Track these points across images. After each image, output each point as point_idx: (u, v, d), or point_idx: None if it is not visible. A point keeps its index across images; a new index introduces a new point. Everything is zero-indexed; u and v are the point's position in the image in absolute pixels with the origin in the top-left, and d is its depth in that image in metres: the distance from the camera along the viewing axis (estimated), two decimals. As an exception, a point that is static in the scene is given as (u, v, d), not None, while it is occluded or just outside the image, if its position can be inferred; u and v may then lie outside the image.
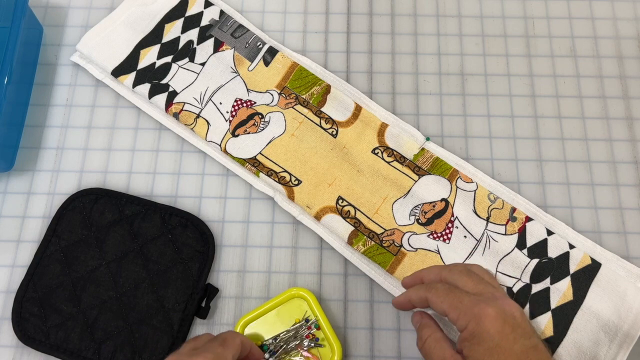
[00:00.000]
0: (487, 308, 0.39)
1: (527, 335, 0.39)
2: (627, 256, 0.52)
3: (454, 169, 0.54)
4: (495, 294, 0.41)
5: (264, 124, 0.55)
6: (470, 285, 0.42)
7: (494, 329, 0.38)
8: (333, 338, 0.48)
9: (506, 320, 0.39)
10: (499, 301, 0.40)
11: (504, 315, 0.39)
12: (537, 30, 0.61)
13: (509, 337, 0.38)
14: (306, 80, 0.57)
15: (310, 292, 0.50)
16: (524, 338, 0.39)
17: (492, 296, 0.41)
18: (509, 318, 0.39)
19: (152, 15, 0.59)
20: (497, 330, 0.38)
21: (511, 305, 0.40)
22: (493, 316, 0.39)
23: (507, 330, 0.38)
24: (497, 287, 0.44)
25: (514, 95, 0.58)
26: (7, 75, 0.51)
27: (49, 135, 0.57)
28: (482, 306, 0.39)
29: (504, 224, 0.52)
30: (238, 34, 0.59)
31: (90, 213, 0.52)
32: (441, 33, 0.61)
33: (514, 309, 0.40)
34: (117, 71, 0.57)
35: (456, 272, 0.43)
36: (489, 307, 0.39)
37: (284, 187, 0.53)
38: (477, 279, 0.43)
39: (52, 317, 0.49)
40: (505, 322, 0.39)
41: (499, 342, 0.38)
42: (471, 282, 0.42)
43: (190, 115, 0.55)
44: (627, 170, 0.55)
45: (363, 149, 0.54)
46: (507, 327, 0.38)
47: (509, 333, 0.38)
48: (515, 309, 0.40)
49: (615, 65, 0.59)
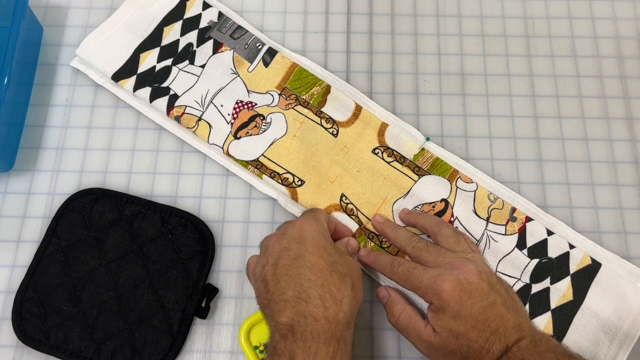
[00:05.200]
0: (444, 282, 0.43)
1: (485, 296, 0.43)
2: (627, 256, 0.52)
3: (454, 169, 0.54)
4: (453, 263, 0.45)
5: (266, 125, 0.55)
6: (431, 260, 0.46)
7: (452, 300, 0.43)
8: None
9: (463, 288, 0.43)
10: (454, 271, 0.44)
11: (460, 284, 0.43)
12: (537, 30, 0.61)
13: (467, 304, 0.43)
14: (306, 80, 0.57)
15: None
16: (481, 299, 0.43)
17: (449, 266, 0.45)
18: (465, 285, 0.43)
19: (150, 18, 0.59)
20: (455, 301, 0.43)
21: (467, 271, 0.44)
22: (449, 288, 0.43)
23: (464, 298, 0.43)
24: (459, 250, 0.47)
25: (514, 95, 0.58)
26: (7, 75, 0.51)
27: (49, 135, 0.57)
28: (439, 282, 0.43)
29: (504, 224, 0.52)
30: (237, 35, 0.59)
31: (90, 213, 0.52)
32: (441, 33, 0.61)
33: (470, 274, 0.44)
34: (117, 75, 0.57)
35: (417, 249, 0.47)
36: (445, 281, 0.43)
37: (287, 188, 0.53)
38: (435, 251, 0.47)
39: (52, 317, 0.49)
40: (462, 291, 0.43)
41: (459, 309, 0.43)
42: (431, 257, 0.46)
43: (192, 119, 0.55)
44: (627, 170, 0.55)
45: (363, 149, 0.54)
46: (463, 294, 0.43)
47: (466, 300, 0.43)
48: (472, 273, 0.44)
49: (615, 65, 0.59)
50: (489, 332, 0.42)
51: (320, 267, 0.42)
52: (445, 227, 0.49)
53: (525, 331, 0.43)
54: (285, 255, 0.43)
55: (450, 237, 0.48)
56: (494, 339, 0.42)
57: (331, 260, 0.43)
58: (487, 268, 0.46)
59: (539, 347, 0.41)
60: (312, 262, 0.42)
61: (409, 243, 0.48)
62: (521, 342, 0.42)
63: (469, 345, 0.42)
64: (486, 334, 0.42)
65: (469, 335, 0.42)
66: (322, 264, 0.42)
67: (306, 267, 0.42)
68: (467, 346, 0.42)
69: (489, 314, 0.43)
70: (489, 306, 0.43)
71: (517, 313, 0.44)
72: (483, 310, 0.43)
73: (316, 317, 0.40)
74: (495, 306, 0.43)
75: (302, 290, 0.41)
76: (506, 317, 0.43)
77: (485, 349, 0.42)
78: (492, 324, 0.42)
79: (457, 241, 0.48)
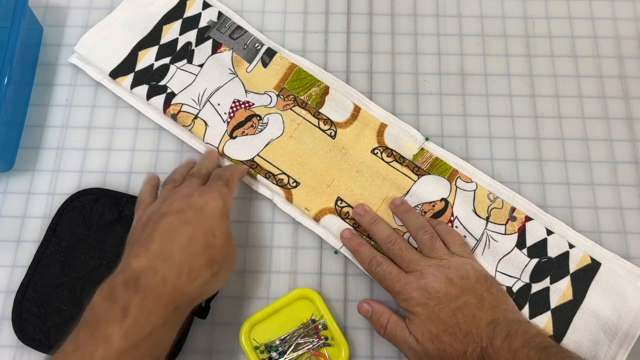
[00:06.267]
0: (412, 291, 0.46)
1: (453, 300, 0.45)
2: (627, 256, 0.52)
3: (454, 169, 0.54)
4: (423, 271, 0.46)
5: (262, 126, 0.55)
6: (404, 266, 0.48)
7: (419, 307, 0.45)
8: (341, 338, 0.48)
9: (429, 296, 0.45)
10: (423, 279, 0.46)
11: (427, 292, 0.45)
12: (537, 30, 0.61)
13: (434, 309, 0.45)
14: (304, 81, 0.57)
15: (316, 293, 0.50)
16: (449, 304, 0.45)
17: (420, 274, 0.46)
18: (431, 293, 0.45)
19: (150, 16, 0.59)
20: (423, 307, 0.45)
21: (434, 280, 0.46)
22: (416, 297, 0.45)
23: (431, 304, 0.45)
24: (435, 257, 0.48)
25: (514, 95, 0.58)
26: (7, 75, 0.51)
27: (49, 135, 0.57)
28: (408, 290, 0.46)
29: (503, 223, 0.52)
30: (236, 35, 0.59)
31: (90, 213, 0.52)
32: (441, 33, 0.61)
33: (437, 282, 0.46)
34: (115, 72, 0.57)
35: (393, 252, 0.49)
36: (413, 290, 0.46)
37: (282, 189, 0.53)
38: (410, 259, 0.48)
39: (52, 317, 0.49)
40: (429, 298, 0.45)
41: (428, 315, 0.45)
42: (405, 264, 0.48)
43: (188, 116, 0.55)
44: (627, 170, 0.55)
45: (362, 149, 0.54)
46: (430, 301, 0.45)
47: (433, 306, 0.45)
48: (439, 281, 0.46)
49: (615, 65, 0.59)
50: (462, 335, 0.44)
51: (197, 242, 0.42)
52: (422, 233, 0.49)
53: (500, 326, 0.44)
54: (177, 215, 0.43)
55: (425, 244, 0.49)
56: (468, 341, 0.43)
57: (211, 242, 0.43)
58: (462, 271, 0.47)
59: (512, 343, 0.42)
60: (193, 233, 0.43)
61: (385, 243, 0.50)
62: (495, 341, 0.43)
63: (444, 349, 0.44)
64: (459, 336, 0.44)
65: (443, 339, 0.44)
66: (200, 241, 0.43)
67: (186, 234, 0.42)
68: (444, 350, 0.44)
69: (459, 316, 0.44)
70: (458, 309, 0.45)
71: (493, 310, 0.45)
72: (452, 314, 0.44)
73: (166, 278, 0.40)
74: (465, 308, 0.45)
75: (168, 250, 0.41)
76: (478, 317, 0.44)
77: (461, 352, 0.43)
78: (463, 326, 0.44)
79: (431, 247, 0.49)
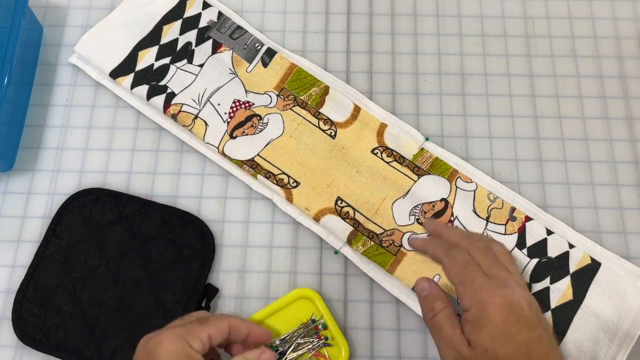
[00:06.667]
0: (495, 296, 0.39)
1: (532, 327, 0.39)
2: (627, 256, 0.52)
3: (454, 169, 0.54)
4: (507, 281, 0.40)
5: (262, 126, 0.55)
6: (486, 264, 0.41)
7: (497, 318, 0.38)
8: (341, 338, 0.48)
9: (512, 311, 0.39)
10: (508, 289, 0.40)
11: (511, 305, 0.39)
12: (537, 30, 0.61)
13: (513, 328, 0.38)
14: (304, 81, 0.57)
15: (316, 293, 0.50)
16: (528, 330, 0.39)
17: (503, 283, 0.40)
18: (515, 308, 0.39)
19: (150, 16, 0.59)
20: (501, 320, 0.38)
21: (520, 295, 0.40)
22: (499, 305, 0.39)
23: (511, 321, 0.38)
24: (512, 271, 0.43)
25: (514, 95, 0.58)
26: (7, 75, 0.52)
27: (49, 135, 0.57)
28: (490, 292, 0.39)
29: (503, 223, 0.52)
30: (236, 35, 0.59)
31: (90, 213, 0.52)
32: (441, 33, 0.61)
33: (522, 299, 0.40)
34: (115, 72, 0.57)
35: (475, 247, 0.43)
36: (496, 296, 0.39)
37: (282, 189, 0.53)
38: (492, 260, 0.42)
39: (52, 317, 0.49)
40: (511, 312, 0.39)
41: (502, 331, 0.38)
42: (487, 262, 0.41)
43: (188, 116, 0.55)
44: (627, 170, 0.55)
45: (362, 149, 0.54)
46: (511, 317, 0.38)
47: (512, 323, 0.38)
48: (524, 299, 0.40)
49: (615, 65, 0.59)
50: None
51: None
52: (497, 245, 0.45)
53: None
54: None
55: (505, 256, 0.44)
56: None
57: None
58: (535, 301, 0.41)
59: None
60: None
61: (466, 239, 0.44)
62: None
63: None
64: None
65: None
66: None
67: None
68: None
69: (534, 348, 0.38)
70: (535, 340, 0.39)
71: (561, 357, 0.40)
72: (527, 342, 0.38)
73: None
74: (541, 342, 0.39)
75: None
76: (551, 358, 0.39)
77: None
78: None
79: (510, 262, 0.44)
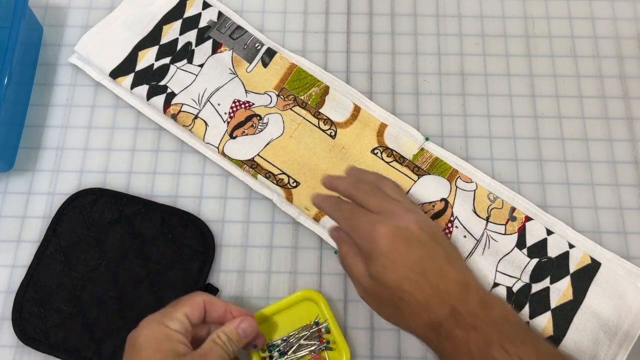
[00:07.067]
0: (382, 227, 0.40)
1: (423, 245, 0.41)
2: (627, 256, 0.52)
3: (454, 169, 0.54)
4: (394, 210, 0.42)
5: (262, 126, 0.55)
6: (374, 204, 0.43)
7: (386, 247, 0.40)
8: (342, 342, 0.48)
9: (399, 235, 0.40)
10: (396, 217, 0.41)
11: (397, 230, 0.40)
12: (537, 30, 0.61)
13: (402, 250, 0.40)
14: (304, 81, 0.57)
15: (321, 295, 0.50)
16: (420, 248, 0.40)
17: (391, 213, 0.42)
18: (403, 232, 0.40)
19: (150, 16, 0.59)
20: (389, 248, 0.40)
21: (408, 219, 0.41)
22: (385, 234, 0.40)
23: (398, 245, 0.40)
24: (402, 200, 0.45)
25: (514, 95, 0.58)
26: (7, 75, 0.52)
27: (49, 135, 0.57)
28: (377, 226, 0.41)
29: (503, 223, 0.52)
30: (236, 35, 0.59)
31: (90, 213, 0.52)
32: (441, 33, 0.61)
33: (410, 221, 0.41)
34: (115, 72, 0.57)
35: (363, 191, 0.44)
36: (383, 227, 0.40)
37: (282, 189, 0.53)
38: (381, 197, 0.44)
39: (52, 317, 0.49)
40: (398, 237, 0.40)
41: (393, 257, 0.40)
42: (375, 201, 0.43)
43: (188, 116, 0.55)
44: (627, 170, 0.55)
45: (362, 149, 0.54)
46: (399, 241, 0.40)
47: (401, 247, 0.40)
48: (412, 221, 0.41)
49: (615, 65, 0.59)
50: (428, 287, 0.39)
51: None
52: (384, 180, 0.47)
53: (472, 291, 0.39)
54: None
55: (393, 189, 0.46)
56: (433, 294, 0.38)
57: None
58: (431, 222, 0.44)
59: (491, 312, 0.38)
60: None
61: (354, 185, 0.45)
62: (468, 305, 0.38)
63: (402, 297, 0.39)
64: (424, 287, 0.39)
65: (403, 287, 0.39)
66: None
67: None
68: (401, 299, 0.39)
69: (427, 265, 0.39)
70: (428, 257, 0.40)
71: (462, 270, 0.41)
72: (420, 260, 0.40)
73: None
74: (434, 258, 0.40)
75: None
76: (447, 272, 0.40)
77: (422, 303, 0.38)
78: (431, 277, 0.39)
79: (399, 193, 0.46)
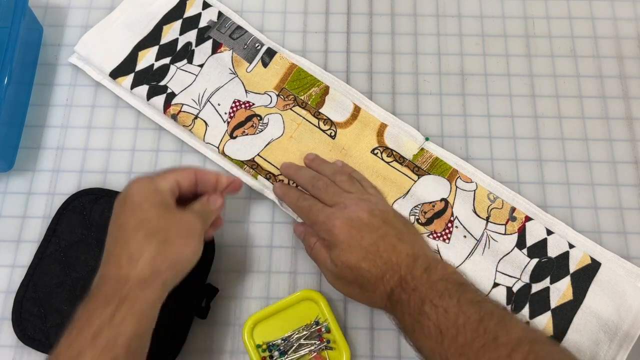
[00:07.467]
0: (335, 220, 0.46)
1: (375, 229, 0.46)
2: (627, 256, 0.52)
3: (454, 169, 0.54)
4: (345, 203, 0.47)
5: (263, 126, 0.55)
6: (328, 200, 0.48)
7: (342, 236, 0.45)
8: (343, 342, 0.48)
9: (352, 225, 0.46)
10: (347, 209, 0.47)
11: (349, 220, 0.46)
12: (537, 30, 0.61)
13: (356, 237, 0.45)
14: (304, 81, 0.57)
15: (321, 295, 0.50)
16: (372, 232, 0.46)
17: (342, 206, 0.47)
18: (354, 221, 0.46)
19: (150, 16, 0.59)
20: (345, 236, 0.45)
21: (358, 209, 0.47)
22: (339, 225, 0.46)
23: (353, 232, 0.45)
24: (354, 191, 0.49)
25: (514, 95, 0.58)
26: (7, 75, 0.52)
27: (49, 135, 0.57)
28: (332, 219, 0.46)
29: (503, 223, 0.52)
30: (236, 35, 0.59)
31: (90, 213, 0.52)
32: (441, 33, 0.61)
33: (361, 211, 0.47)
34: (115, 73, 0.57)
35: (317, 188, 0.50)
36: (337, 219, 0.46)
37: (283, 188, 0.53)
38: (333, 191, 0.49)
39: (52, 317, 0.49)
40: (351, 226, 0.46)
41: (349, 243, 0.45)
42: (329, 197, 0.49)
43: (188, 117, 0.55)
44: (627, 170, 0.55)
45: (362, 150, 0.54)
46: (352, 230, 0.46)
47: (355, 234, 0.45)
48: (362, 210, 0.47)
49: (615, 65, 0.59)
50: (381, 262, 0.44)
51: (128, 226, 0.41)
52: (339, 175, 0.51)
53: (420, 260, 0.45)
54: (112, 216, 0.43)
55: (345, 182, 0.50)
56: (387, 268, 0.44)
57: (142, 217, 0.41)
58: (382, 206, 0.49)
59: (432, 276, 0.43)
60: (123, 221, 0.41)
61: (310, 182, 0.50)
62: (414, 271, 0.44)
63: (362, 275, 0.44)
64: (378, 263, 0.44)
65: (361, 266, 0.44)
66: (131, 223, 0.41)
67: (117, 226, 0.41)
68: (362, 276, 0.45)
69: (380, 245, 0.45)
70: (380, 238, 0.46)
71: (413, 244, 0.46)
72: (374, 242, 0.45)
73: (107, 277, 0.40)
74: (387, 238, 0.46)
75: (107, 250, 0.41)
76: (398, 248, 0.45)
77: (379, 277, 0.44)
78: (384, 254, 0.45)
79: (351, 186, 0.50)
